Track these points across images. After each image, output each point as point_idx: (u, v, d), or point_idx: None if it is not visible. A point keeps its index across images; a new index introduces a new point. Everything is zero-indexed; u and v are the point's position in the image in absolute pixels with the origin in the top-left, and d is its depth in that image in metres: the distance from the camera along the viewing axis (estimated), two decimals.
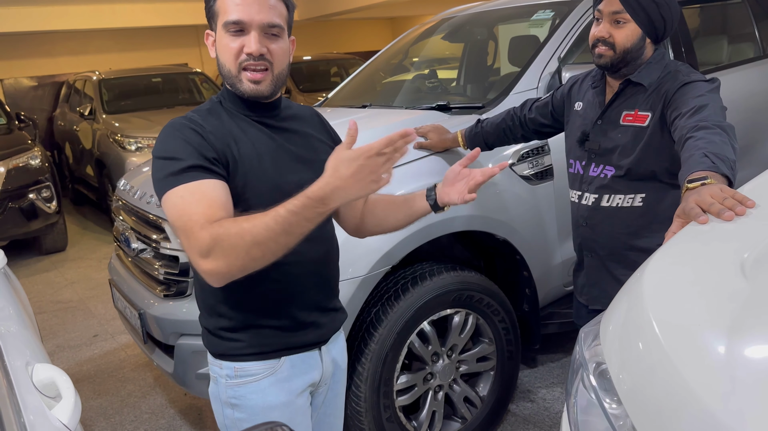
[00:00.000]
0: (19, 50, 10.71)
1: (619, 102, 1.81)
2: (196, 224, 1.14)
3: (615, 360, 0.96)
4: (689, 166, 1.34)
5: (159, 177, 1.22)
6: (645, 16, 1.70)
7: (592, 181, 1.87)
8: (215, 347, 1.38)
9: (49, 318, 4.41)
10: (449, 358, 2.38)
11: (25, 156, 5.69)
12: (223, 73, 1.30)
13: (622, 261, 1.86)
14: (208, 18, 1.32)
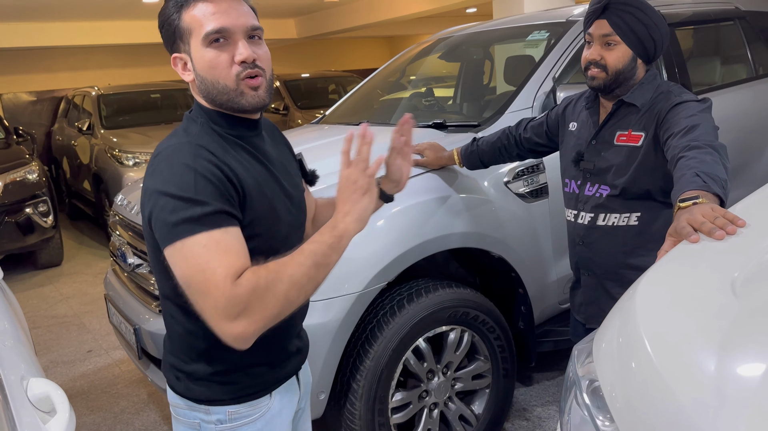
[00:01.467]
0: (19, 65, 10.77)
1: (612, 122, 1.83)
2: (223, 280, 1.02)
3: (608, 377, 0.97)
4: (681, 186, 1.36)
5: (171, 220, 1.06)
6: (635, 37, 1.73)
7: (587, 200, 1.88)
8: (202, 394, 1.26)
9: (43, 333, 4.38)
10: (444, 376, 2.38)
11: (23, 170, 5.69)
12: (217, 91, 1.16)
13: (619, 280, 1.86)
14: (173, 40, 1.19)
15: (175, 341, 1.28)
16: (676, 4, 3.30)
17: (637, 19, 1.71)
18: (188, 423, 1.29)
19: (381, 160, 1.19)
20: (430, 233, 2.23)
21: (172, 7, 1.17)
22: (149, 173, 1.14)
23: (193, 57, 1.16)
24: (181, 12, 1.15)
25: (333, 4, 10.23)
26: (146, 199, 1.12)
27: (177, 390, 1.29)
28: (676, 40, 3.17)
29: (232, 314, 1.02)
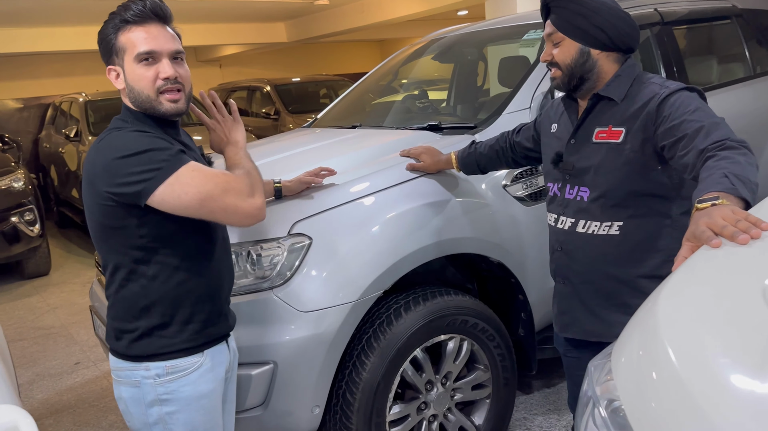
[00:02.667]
0: (5, 72, 10.64)
1: (591, 118, 1.74)
2: (228, 178, 1.43)
3: (630, 397, 0.89)
4: (705, 185, 1.26)
5: (151, 167, 1.35)
6: (576, 29, 1.66)
7: (568, 203, 1.78)
8: (143, 350, 1.49)
9: (29, 345, 4.27)
10: (444, 386, 2.30)
11: (8, 179, 5.58)
12: (141, 99, 1.46)
13: (598, 291, 1.77)
14: (109, 54, 1.48)
15: (118, 305, 1.51)
16: (673, 2, 3.24)
17: (573, 12, 1.65)
18: (129, 382, 1.51)
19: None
20: (427, 239, 2.15)
21: (111, 28, 1.46)
22: (95, 156, 1.41)
23: (126, 70, 1.47)
24: (118, 33, 1.45)
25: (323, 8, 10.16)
26: (101, 173, 1.38)
27: (119, 352, 1.52)
28: (673, 39, 3.12)
29: (249, 193, 1.43)
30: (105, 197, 1.39)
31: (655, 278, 1.67)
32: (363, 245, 2.04)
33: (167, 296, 1.49)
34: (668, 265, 1.67)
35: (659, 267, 1.69)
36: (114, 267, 1.49)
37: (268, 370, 1.96)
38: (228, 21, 10.92)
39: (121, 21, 1.45)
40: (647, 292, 1.66)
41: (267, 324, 1.97)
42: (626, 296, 1.72)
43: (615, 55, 1.70)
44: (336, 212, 2.07)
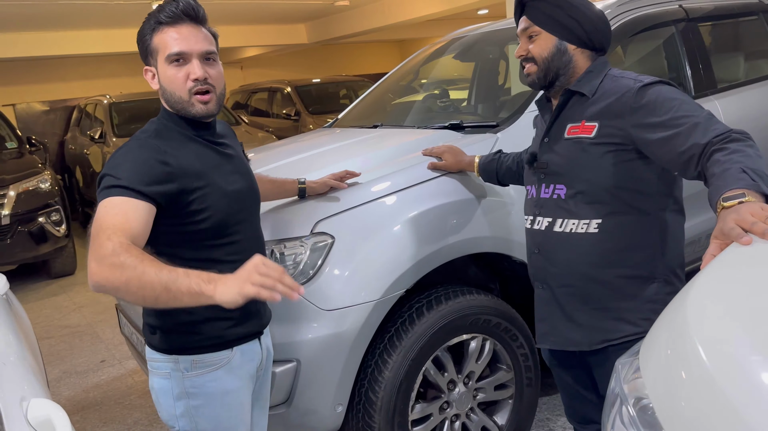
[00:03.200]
0: (32, 75, 10.85)
1: (563, 115, 1.70)
2: (104, 232, 1.27)
3: (660, 395, 0.88)
4: (725, 182, 1.22)
5: (100, 188, 1.39)
6: (553, 22, 1.64)
7: (544, 203, 1.73)
8: (172, 343, 1.52)
9: (56, 343, 4.35)
10: (466, 386, 2.29)
11: (35, 179, 5.68)
12: (174, 100, 1.48)
13: (576, 294, 1.70)
14: (145, 56, 1.52)
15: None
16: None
17: (551, 4, 1.64)
18: (161, 373, 1.55)
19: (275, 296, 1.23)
20: (449, 238, 2.14)
21: (147, 29, 1.49)
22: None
23: (159, 71, 1.49)
24: (153, 33, 1.48)
25: (343, 8, 10.19)
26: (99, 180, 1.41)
27: (153, 344, 1.55)
28: (698, 35, 3.07)
29: (96, 258, 1.24)
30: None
31: (635, 278, 1.64)
32: (385, 244, 2.04)
33: None
34: (647, 265, 1.63)
35: (639, 266, 1.64)
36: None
37: (292, 368, 1.97)
38: (249, 23, 11.01)
39: (156, 22, 1.47)
40: (626, 294, 1.63)
41: (290, 323, 1.98)
42: (605, 298, 1.67)
43: (589, 53, 1.68)
44: (358, 211, 2.08)
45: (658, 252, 1.65)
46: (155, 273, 1.21)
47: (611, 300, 1.67)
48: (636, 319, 1.66)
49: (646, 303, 1.66)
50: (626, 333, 1.67)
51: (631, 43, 3.04)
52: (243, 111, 9.82)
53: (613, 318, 1.68)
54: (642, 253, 1.64)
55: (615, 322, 1.67)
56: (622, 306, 1.66)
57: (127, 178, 1.36)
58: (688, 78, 2.99)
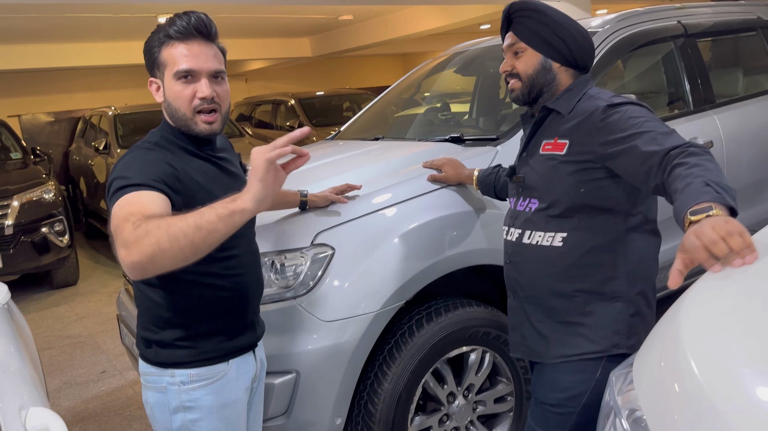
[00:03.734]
0: (38, 86, 10.93)
1: (540, 131, 1.72)
2: (126, 220, 1.24)
3: (652, 407, 0.89)
4: (690, 196, 1.20)
5: (110, 194, 1.36)
6: (539, 39, 1.65)
7: (518, 215, 1.75)
8: (168, 358, 1.51)
9: (57, 353, 4.35)
10: (466, 399, 2.29)
11: (39, 190, 5.71)
12: (177, 116, 1.47)
13: (540, 306, 1.71)
14: (152, 67, 1.49)
15: (145, 315, 1.54)
16: (697, 15, 3.23)
17: (538, 22, 1.65)
18: (156, 387, 1.53)
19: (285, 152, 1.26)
20: (449, 250, 2.16)
21: (156, 41, 1.46)
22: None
23: (165, 85, 1.47)
24: (162, 47, 1.45)
25: (347, 23, 10.28)
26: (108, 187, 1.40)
27: (147, 358, 1.54)
28: (697, 51, 3.10)
29: (124, 244, 1.21)
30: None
31: (597, 295, 1.64)
32: (385, 256, 2.06)
33: (190, 308, 1.50)
34: (611, 283, 1.62)
35: (602, 284, 1.63)
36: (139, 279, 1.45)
37: (291, 379, 1.97)
38: (254, 36, 11.10)
39: (165, 36, 1.44)
40: (587, 311, 1.63)
41: (290, 334, 1.99)
42: (566, 313, 1.67)
43: (572, 71, 1.69)
44: (358, 223, 2.09)
45: (622, 272, 1.63)
46: (179, 220, 1.21)
47: (572, 315, 1.66)
48: (596, 337, 1.64)
49: (608, 322, 1.64)
50: (584, 350, 1.65)
51: (630, 59, 3.07)
52: (247, 123, 9.87)
53: (573, 333, 1.67)
54: (605, 272, 1.63)
55: (575, 338, 1.66)
56: (584, 322, 1.65)
57: (137, 177, 1.35)
58: (687, 93, 3.02)
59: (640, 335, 1.64)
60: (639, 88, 3.24)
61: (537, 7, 1.66)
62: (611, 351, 1.64)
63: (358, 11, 9.29)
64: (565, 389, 1.67)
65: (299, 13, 9.00)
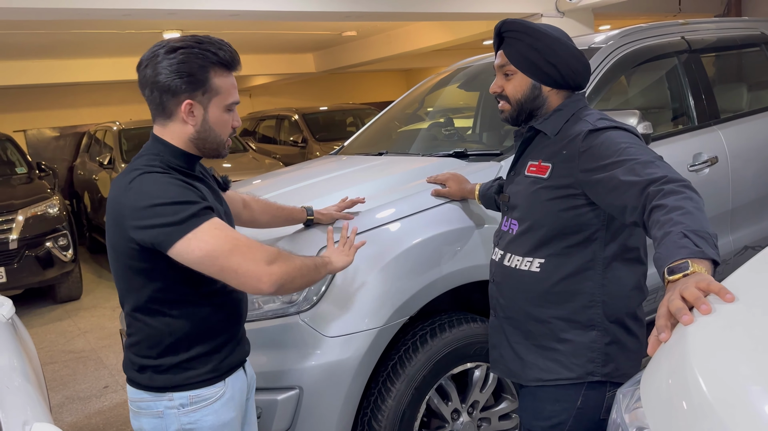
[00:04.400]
0: (43, 102, 11.00)
1: (528, 151, 1.71)
2: (252, 241, 1.40)
3: (660, 425, 0.88)
4: (668, 250, 1.17)
5: (176, 220, 1.34)
6: (529, 64, 1.62)
7: (502, 235, 1.75)
8: (167, 381, 1.50)
9: (60, 368, 4.34)
10: (470, 416, 2.27)
11: (44, 204, 5.73)
12: (213, 140, 1.50)
13: (518, 328, 1.71)
14: (195, 88, 1.44)
15: (143, 343, 1.51)
16: (701, 31, 3.24)
17: (528, 46, 1.61)
18: (152, 413, 1.50)
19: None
20: (453, 265, 2.15)
21: (205, 63, 1.44)
22: (125, 197, 1.39)
23: (210, 111, 1.47)
24: (212, 71, 1.45)
25: (351, 39, 10.35)
26: (129, 216, 1.37)
27: (142, 384, 1.51)
28: (701, 67, 3.11)
29: (269, 259, 1.40)
30: (131, 240, 1.39)
31: (573, 323, 1.62)
32: (388, 271, 2.05)
33: (192, 332, 1.50)
34: (586, 311, 1.60)
35: (578, 312, 1.61)
36: (136, 307, 1.48)
37: (294, 395, 1.96)
38: (259, 52, 11.18)
39: (218, 62, 1.45)
40: (563, 338, 1.61)
41: (293, 349, 1.98)
42: (542, 337, 1.66)
43: (564, 93, 1.66)
44: (362, 238, 2.09)
45: (598, 301, 1.61)
46: (300, 258, 1.53)
47: (548, 340, 1.65)
48: (571, 364, 1.63)
49: (583, 349, 1.62)
50: (559, 376, 1.64)
51: (633, 74, 3.07)
52: (251, 138, 9.91)
53: (549, 358, 1.65)
54: (581, 300, 1.61)
55: (550, 363, 1.65)
56: (559, 349, 1.64)
57: (197, 201, 1.39)
58: (691, 108, 3.02)
59: (618, 362, 1.63)
60: (643, 104, 3.24)
61: (528, 29, 1.61)
62: (586, 378, 1.62)
63: (361, 27, 9.36)
64: (547, 417, 1.67)
65: (304, 29, 9.07)
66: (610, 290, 1.61)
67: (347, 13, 6.15)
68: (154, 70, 1.43)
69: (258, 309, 2.03)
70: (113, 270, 1.50)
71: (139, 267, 1.43)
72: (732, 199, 2.97)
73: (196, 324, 1.50)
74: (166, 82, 1.42)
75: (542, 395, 1.67)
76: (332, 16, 6.30)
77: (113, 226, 1.43)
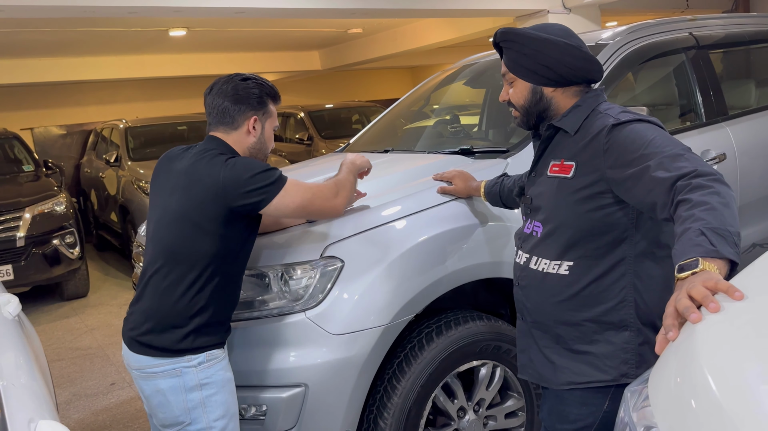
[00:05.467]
0: (50, 100, 11.04)
1: (548, 151, 1.68)
2: (317, 187, 1.90)
3: (668, 424, 0.87)
4: (682, 248, 1.15)
5: (270, 180, 1.75)
6: (523, 69, 1.61)
7: (526, 238, 1.72)
8: (191, 343, 1.75)
9: (67, 365, 4.36)
10: (476, 414, 2.27)
11: (51, 202, 5.76)
12: (261, 150, 1.95)
13: (548, 332, 1.68)
14: (256, 108, 1.90)
15: (179, 304, 1.75)
16: (709, 26, 3.21)
17: (518, 53, 1.61)
18: (170, 373, 1.75)
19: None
20: (459, 263, 2.14)
21: (269, 94, 1.95)
22: (229, 172, 1.75)
23: (265, 129, 1.95)
24: (271, 101, 1.96)
25: (356, 36, 10.33)
26: (241, 187, 1.73)
27: (163, 346, 1.74)
28: (709, 63, 3.08)
29: (335, 193, 1.94)
30: (229, 209, 1.74)
31: (605, 325, 1.60)
32: (394, 269, 2.04)
33: (219, 300, 1.79)
34: (618, 312, 1.58)
35: (609, 313, 1.59)
36: (185, 270, 1.75)
37: (300, 393, 1.96)
38: (265, 50, 11.18)
39: (273, 97, 1.96)
40: (595, 339, 1.59)
41: (299, 347, 1.98)
42: (573, 340, 1.63)
43: (573, 89, 1.63)
44: (368, 235, 2.08)
45: (630, 301, 1.58)
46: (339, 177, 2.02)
47: (581, 343, 1.63)
48: (605, 366, 1.60)
49: (616, 351, 1.60)
50: (593, 378, 1.61)
51: (641, 71, 3.05)
52: None
53: (582, 361, 1.63)
54: (613, 300, 1.59)
55: (583, 366, 1.63)
56: (592, 351, 1.62)
57: (274, 167, 1.80)
58: (699, 105, 3.00)
59: (651, 363, 1.59)
60: (650, 101, 3.22)
61: (516, 36, 1.61)
62: (620, 380, 1.59)
63: (367, 25, 9.34)
64: (573, 421, 1.65)
65: (309, 26, 9.07)
66: (642, 289, 1.58)
67: (353, 10, 6.14)
68: (234, 88, 1.86)
69: (264, 306, 2.03)
70: (174, 240, 1.77)
71: (220, 232, 1.75)
72: (740, 196, 2.95)
73: (223, 294, 1.80)
74: (242, 96, 1.86)
75: (569, 398, 1.65)
76: (338, 13, 6.29)
77: (213, 196, 1.73)
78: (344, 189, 1.97)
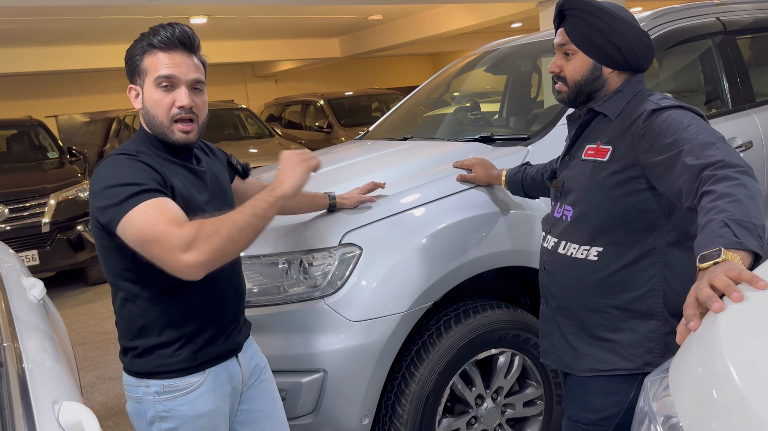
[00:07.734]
0: (74, 88, 11.19)
1: (585, 134, 1.65)
2: (170, 225, 1.29)
3: (689, 414, 0.86)
4: (705, 238, 1.13)
5: (115, 202, 1.34)
6: (591, 44, 1.55)
7: (555, 222, 1.69)
8: (142, 367, 1.49)
9: (91, 349, 4.44)
10: (494, 401, 2.27)
11: (75, 189, 5.84)
12: (155, 123, 1.47)
13: (572, 318, 1.66)
14: (132, 74, 1.51)
15: (121, 323, 1.52)
16: (737, 11, 3.14)
17: (590, 25, 1.54)
18: (134, 397, 1.52)
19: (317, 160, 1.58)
20: (478, 251, 2.13)
21: (138, 49, 1.48)
22: (92, 180, 1.41)
23: (145, 92, 1.48)
24: (144, 55, 1.47)
25: (376, 23, 10.29)
26: (91, 197, 1.40)
27: (125, 366, 1.53)
28: (737, 48, 3.02)
29: (183, 247, 1.28)
30: (97, 220, 1.41)
31: (632, 313, 1.57)
32: (413, 256, 2.04)
33: (163, 317, 1.47)
34: (646, 301, 1.55)
35: (637, 302, 1.57)
36: (114, 286, 1.50)
37: (319, 378, 1.98)
38: (284, 37, 11.19)
39: (149, 45, 1.46)
40: (621, 327, 1.57)
41: (318, 333, 1.99)
42: (598, 327, 1.61)
43: (625, 74, 1.60)
44: (386, 223, 2.08)
45: (658, 289, 1.56)
46: (239, 214, 1.36)
47: (605, 330, 1.61)
48: (629, 354, 1.59)
49: (641, 339, 1.58)
50: (616, 366, 1.60)
51: (666, 56, 3.00)
52: (277, 123, 9.96)
53: (605, 349, 1.61)
54: (641, 289, 1.57)
55: (607, 353, 1.61)
56: (617, 339, 1.60)
57: (146, 182, 1.36)
58: (726, 91, 2.94)
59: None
60: (675, 87, 3.17)
61: (592, 8, 1.55)
62: (644, 369, 1.57)
63: (387, 11, 9.29)
64: (597, 410, 1.63)
65: (329, 13, 9.04)
66: (671, 278, 1.56)
67: None
68: None
69: (283, 292, 2.04)
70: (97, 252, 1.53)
71: (107, 247, 1.44)
72: (766, 185, 2.90)
73: (168, 310, 1.47)
74: (126, 71, 1.53)
75: (594, 387, 1.63)
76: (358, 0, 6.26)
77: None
78: (216, 241, 1.31)
